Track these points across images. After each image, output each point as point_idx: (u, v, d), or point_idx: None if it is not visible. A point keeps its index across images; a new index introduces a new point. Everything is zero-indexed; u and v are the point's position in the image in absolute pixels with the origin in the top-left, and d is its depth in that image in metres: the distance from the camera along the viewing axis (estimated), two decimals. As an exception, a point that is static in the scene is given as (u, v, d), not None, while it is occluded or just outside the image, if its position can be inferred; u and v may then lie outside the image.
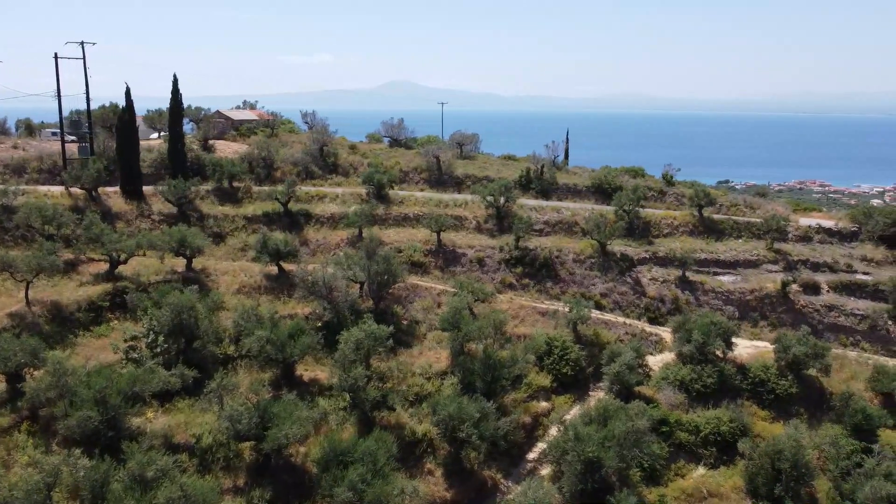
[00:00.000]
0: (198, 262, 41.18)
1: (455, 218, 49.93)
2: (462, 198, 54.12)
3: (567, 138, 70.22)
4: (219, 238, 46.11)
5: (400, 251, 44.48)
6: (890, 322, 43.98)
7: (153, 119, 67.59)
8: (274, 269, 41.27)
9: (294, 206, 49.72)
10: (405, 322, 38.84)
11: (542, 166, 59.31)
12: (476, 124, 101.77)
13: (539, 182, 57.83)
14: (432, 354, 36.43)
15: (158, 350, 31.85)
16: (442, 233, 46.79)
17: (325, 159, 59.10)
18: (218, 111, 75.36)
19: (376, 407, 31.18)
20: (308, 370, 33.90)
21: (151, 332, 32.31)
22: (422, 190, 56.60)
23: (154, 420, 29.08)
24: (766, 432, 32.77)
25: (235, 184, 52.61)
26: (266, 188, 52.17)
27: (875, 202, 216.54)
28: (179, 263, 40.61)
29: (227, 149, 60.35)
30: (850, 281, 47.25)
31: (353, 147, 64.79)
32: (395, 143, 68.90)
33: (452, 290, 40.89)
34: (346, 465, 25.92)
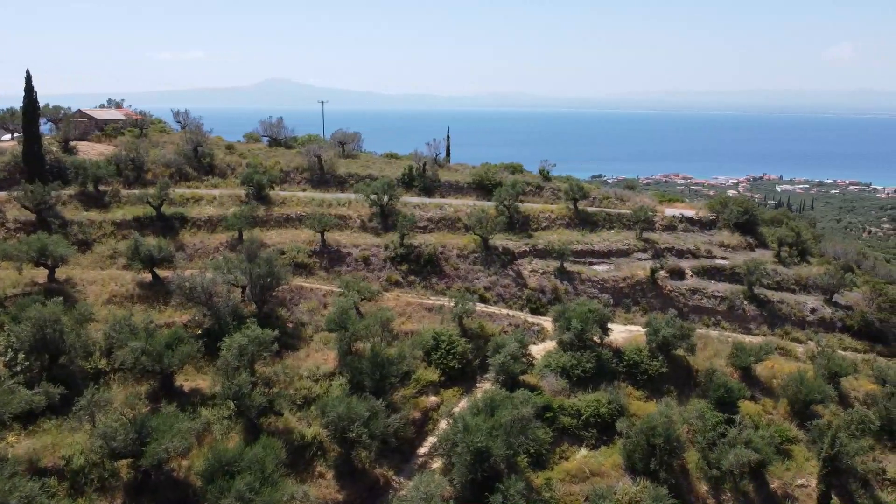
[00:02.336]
0: (62, 273, 38.46)
1: (339, 217, 49.50)
2: (345, 197, 53.71)
3: (448, 136, 71.32)
4: (85, 246, 43.22)
5: (283, 253, 43.57)
6: (746, 302, 47.87)
7: (4, 118, 62.38)
8: (148, 277, 39.26)
9: (168, 210, 47.45)
10: (290, 325, 38.14)
11: (425, 164, 59.91)
12: (358, 123, 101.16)
13: (422, 180, 58.39)
14: (319, 356, 36.01)
15: (18, 368, 29.52)
16: (326, 233, 46.26)
17: (200, 160, 56.79)
18: (80, 110, 70.54)
19: (263, 413, 30.42)
20: (189, 380, 32.56)
21: (10, 350, 29.91)
22: (304, 190, 55.67)
23: (16, 444, 26.93)
24: (642, 411, 34.81)
25: (102, 187, 49.52)
26: (136, 191, 49.42)
27: (731, 193, 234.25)
28: (41, 274, 37.79)
29: (92, 150, 56.66)
30: (710, 266, 51.02)
31: (230, 147, 62.65)
32: (275, 142, 67.26)
33: (338, 290, 40.57)
34: (232, 474, 25.14)
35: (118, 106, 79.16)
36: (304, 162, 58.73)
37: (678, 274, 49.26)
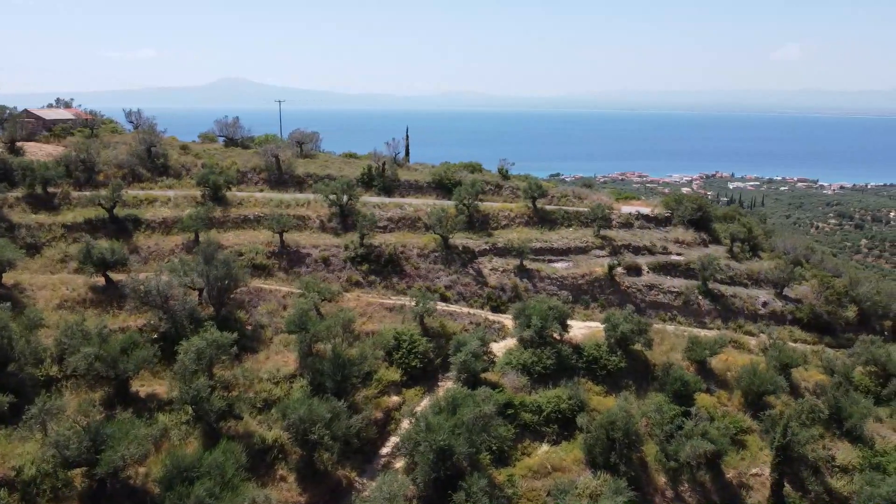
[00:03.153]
0: (9, 277, 37.24)
1: (298, 218, 49.02)
2: (304, 197, 53.19)
3: (407, 136, 71.22)
4: (34, 249, 41.88)
5: (241, 254, 42.97)
6: (700, 297, 48.95)
7: (-56, 119, 59.98)
8: (101, 280, 38.29)
9: (121, 212, 46.33)
10: (250, 327, 37.64)
11: (384, 164, 59.73)
12: (316, 123, 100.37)
13: (381, 179, 58.21)
14: (280, 358, 35.63)
15: (-35, 377, 28.51)
16: (285, 233, 45.76)
17: (153, 161, 55.59)
18: (26, 110, 68.34)
19: (222, 417, 29.98)
20: (145, 385, 31.89)
21: (-45, 358, 28.85)
22: (261, 190, 54.96)
23: (-37, 456, 26.02)
24: (601, 406, 35.37)
25: (51, 189, 48.07)
26: (88, 193, 48.05)
27: (685, 190, 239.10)
28: (-14, 280, 36.53)
29: (40, 151, 54.95)
30: (666, 262, 52.06)
31: (184, 147, 61.47)
32: (231, 142, 66.23)
33: (298, 291, 40.18)
34: (191, 480, 24.71)
35: (67, 106, 76.97)
36: (261, 162, 57.99)
37: (635, 270, 50.11)
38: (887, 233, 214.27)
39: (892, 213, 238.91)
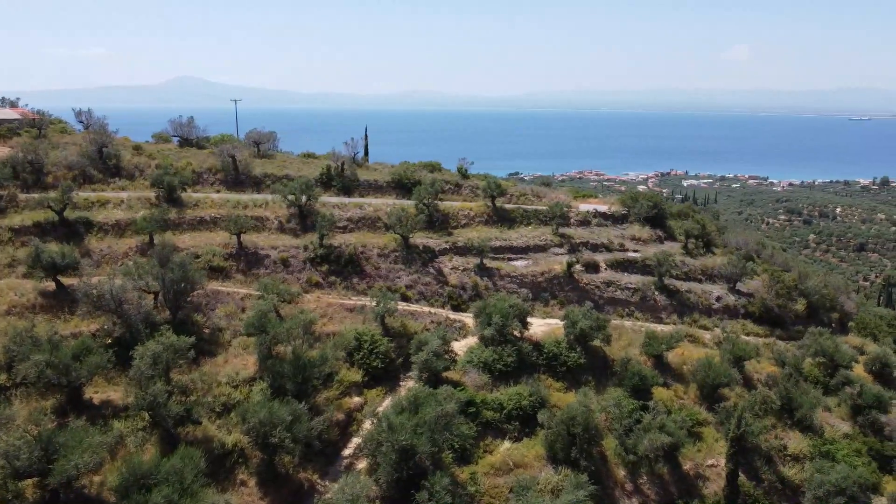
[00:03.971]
0: (-47, 283, 35.96)
1: (256, 219, 48.40)
2: (262, 198, 52.53)
3: (366, 135, 70.97)
4: (-21, 254, 40.50)
5: (197, 256, 42.22)
6: (657, 293, 49.91)
7: None
8: (51, 285, 37.18)
9: (72, 214, 45.07)
10: (207, 330, 37.03)
11: (343, 163, 59.38)
12: (273, 122, 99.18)
13: (340, 179, 57.86)
14: (239, 361, 35.15)
15: None
16: (243, 235, 45.13)
17: (105, 162, 54.21)
18: (-31, 110, 66.04)
19: (180, 422, 29.45)
20: (99, 392, 31.10)
21: None
22: (218, 191, 54.09)
23: None
24: (562, 402, 35.75)
25: (-3, 192, 46.52)
26: (36, 195, 46.58)
27: (641, 188, 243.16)
28: (-71, 286, 35.19)
29: (-16, 153, 53.12)
30: (623, 258, 52.91)
31: (137, 148, 60.08)
32: (186, 142, 65.01)
33: (257, 293, 39.67)
34: (149, 488, 24.21)
35: (13, 105, 74.56)
36: (217, 162, 57.06)
37: (593, 267, 50.83)
38: (834, 228, 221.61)
39: (838, 209, 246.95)
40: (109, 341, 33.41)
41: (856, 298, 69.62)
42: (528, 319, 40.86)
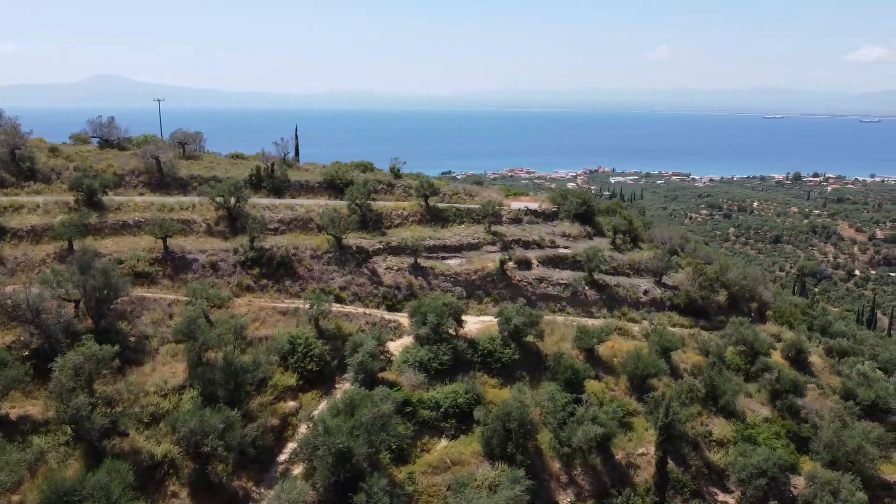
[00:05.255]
0: None
1: (183, 222, 46.98)
2: (189, 200, 51.01)
3: (297, 135, 69.90)
4: None
5: (121, 262, 40.67)
6: (587, 288, 51.07)
7: None
8: (-40, 296, 35.14)
9: (-19, 221, 42.70)
10: (133, 338, 35.77)
11: (273, 164, 58.30)
12: (199, 122, 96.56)
13: (271, 180, 56.79)
14: (167, 369, 34.12)
15: None
16: (169, 238, 43.73)
17: (18, 164, 51.52)
18: None
19: (105, 435, 28.37)
20: (16, 407, 29.64)
21: None
22: (142, 194, 52.23)
23: None
24: (497, 398, 36.17)
25: None
26: (-59, 201, 44.05)
27: (570, 185, 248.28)
28: None
29: None
30: (554, 255, 53.89)
31: (54, 150, 57.32)
32: (107, 143, 62.40)
33: (185, 298, 38.59)
34: (73, 504, 23.27)
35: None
36: (140, 164, 55.07)
37: (525, 264, 51.61)
38: (751, 221, 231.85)
39: (755, 204, 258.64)
40: (27, 353, 31.92)
41: (772, 288, 73.24)
42: (463, 317, 41.18)
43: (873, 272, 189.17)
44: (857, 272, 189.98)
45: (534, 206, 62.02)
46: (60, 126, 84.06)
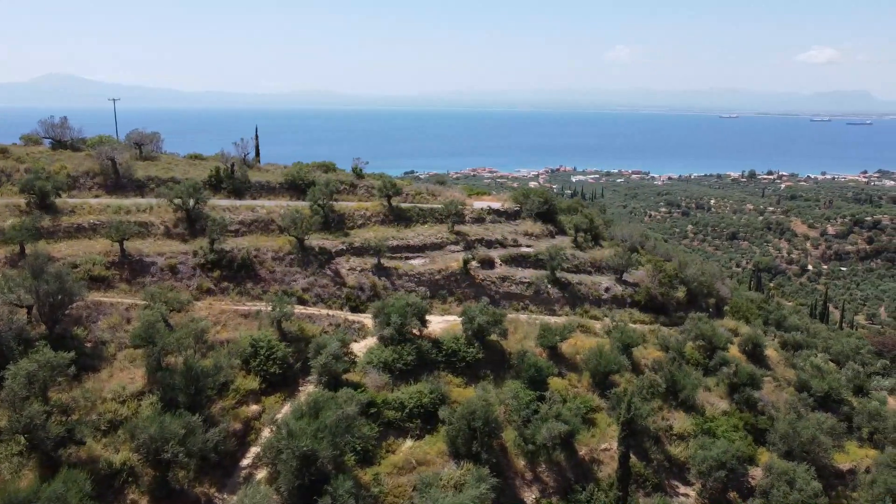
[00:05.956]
0: None
1: (140, 224, 46.00)
2: (146, 202, 50.00)
3: (257, 135, 68.98)
4: None
5: (76, 266, 39.66)
6: (549, 286, 51.54)
7: None
8: None
9: (-73, 225, 41.24)
10: (90, 344, 34.93)
11: (233, 165, 57.50)
12: (156, 122, 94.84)
13: (231, 181, 56.00)
14: (125, 375, 33.39)
15: None
16: (126, 241, 42.78)
17: (-35, 166, 49.91)
18: None
19: (61, 444, 27.65)
20: (-34, 417, 28.68)
21: None
22: (97, 196, 51.02)
23: None
24: (462, 397, 36.27)
25: None
26: None
27: (532, 184, 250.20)
28: None
29: None
30: (517, 254, 54.28)
31: (3, 151, 55.67)
32: (59, 144, 60.79)
33: (143, 302, 37.81)
34: (28, 516, 22.65)
35: None
36: (95, 166, 53.79)
37: (488, 263, 51.86)
38: (709, 219, 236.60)
39: (712, 201, 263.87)
40: (-23, 361, 30.86)
41: (729, 284, 74.93)
42: (427, 317, 41.18)
43: (825, 267, 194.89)
44: (809, 267, 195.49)
45: (496, 205, 62.35)
46: (10, 127, 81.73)
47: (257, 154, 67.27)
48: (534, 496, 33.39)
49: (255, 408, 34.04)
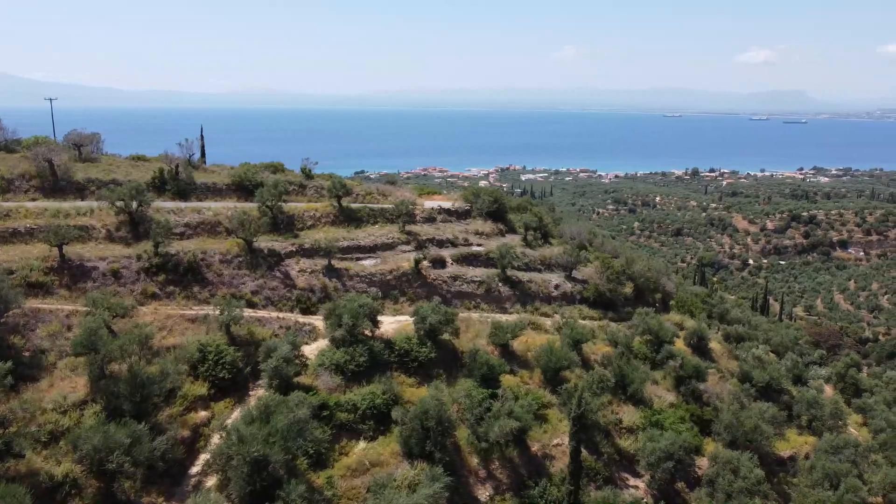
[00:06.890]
0: None
1: (80, 228, 44.48)
2: (87, 205, 48.39)
3: (202, 135, 67.59)
4: None
5: (12, 272, 38.13)
6: (500, 284, 51.96)
7: None
8: None
9: None
10: (27, 353, 33.62)
11: (178, 166, 56.14)
12: (96, 123, 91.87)
13: (175, 183, 54.68)
14: (66, 384, 32.28)
15: None
16: (65, 246, 41.32)
17: None
18: None
19: (-1, 458, 26.61)
20: None
21: None
22: (34, 199, 49.12)
23: None
24: (415, 397, 36.28)
25: None
26: None
27: (482, 183, 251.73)
28: None
29: None
30: (468, 253, 54.54)
31: (-70, 153, 53.23)
32: (-8, 146, 58.35)
33: (84, 308, 36.59)
34: (-37, 534, 21.74)
35: None
36: (31, 168, 51.77)
37: (440, 263, 51.98)
38: (655, 215, 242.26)
39: (657, 198, 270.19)
40: None
41: (675, 279, 76.81)
42: (379, 318, 41.05)
43: (765, 261, 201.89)
44: (750, 261, 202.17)
45: (447, 204, 62.51)
46: (-62, 127, 77.88)
47: (203, 155, 65.88)
48: (488, 493, 33.64)
49: (203, 414, 33.37)
